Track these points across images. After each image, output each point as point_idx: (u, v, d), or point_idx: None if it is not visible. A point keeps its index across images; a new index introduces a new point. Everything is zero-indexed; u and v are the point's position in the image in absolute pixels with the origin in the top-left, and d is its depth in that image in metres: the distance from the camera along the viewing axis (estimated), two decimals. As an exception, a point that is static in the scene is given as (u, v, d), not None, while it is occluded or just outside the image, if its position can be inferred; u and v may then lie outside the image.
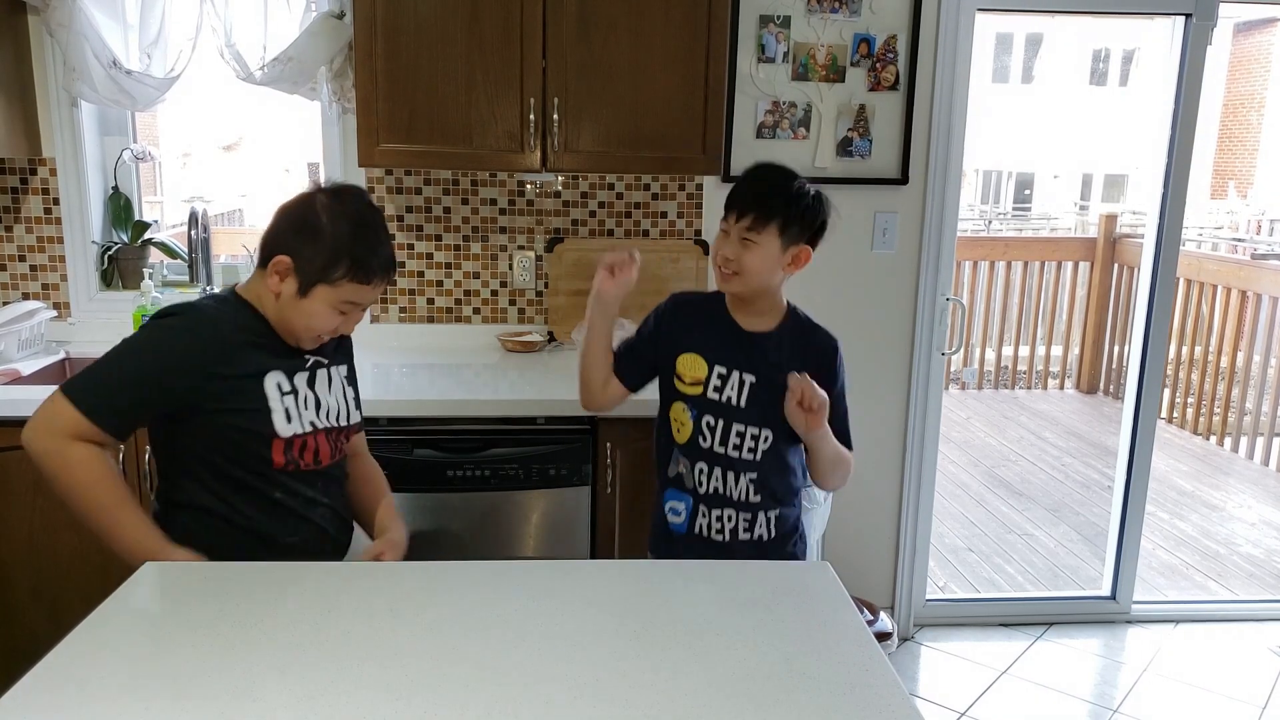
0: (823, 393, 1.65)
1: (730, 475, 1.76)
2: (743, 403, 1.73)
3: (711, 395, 1.74)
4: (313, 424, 1.57)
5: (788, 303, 1.82)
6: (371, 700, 1.04)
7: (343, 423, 1.64)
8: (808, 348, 1.78)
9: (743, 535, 1.79)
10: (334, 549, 1.66)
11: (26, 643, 2.16)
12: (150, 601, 1.29)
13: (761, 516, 1.79)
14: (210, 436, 1.50)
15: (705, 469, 1.77)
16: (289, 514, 1.57)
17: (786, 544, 1.84)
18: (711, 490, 1.78)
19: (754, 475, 1.76)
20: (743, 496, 1.77)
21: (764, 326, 1.77)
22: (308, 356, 1.60)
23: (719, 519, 1.78)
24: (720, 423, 1.74)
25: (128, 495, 1.46)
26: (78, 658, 1.12)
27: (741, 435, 1.74)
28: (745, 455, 1.75)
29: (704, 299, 1.85)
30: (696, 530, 1.80)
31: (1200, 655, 3.00)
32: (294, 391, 1.55)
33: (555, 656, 1.14)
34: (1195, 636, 3.11)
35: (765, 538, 1.80)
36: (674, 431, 1.80)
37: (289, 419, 1.53)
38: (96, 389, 1.44)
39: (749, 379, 1.73)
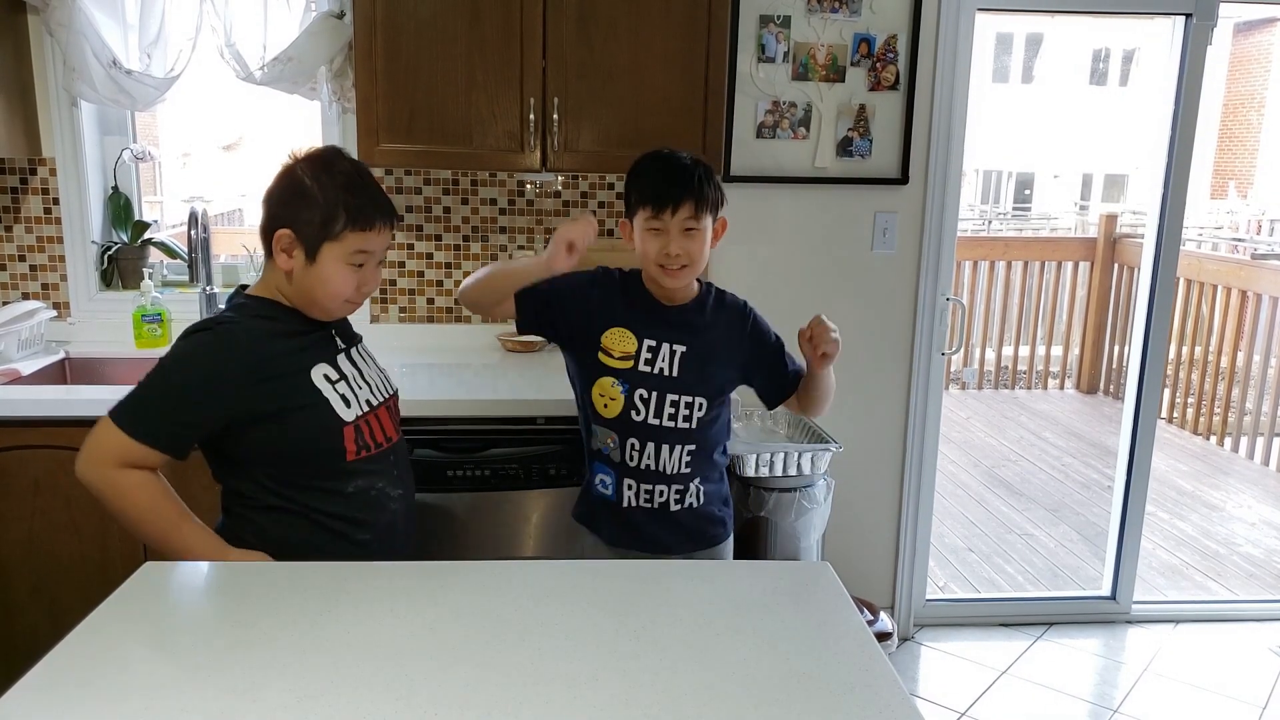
0: (836, 335, 1.71)
1: (665, 449, 1.79)
2: (675, 372, 1.77)
3: (643, 368, 1.77)
4: (369, 402, 1.58)
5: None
6: (371, 700, 1.04)
7: (389, 392, 1.67)
8: (727, 311, 1.85)
9: (674, 506, 1.83)
10: (404, 541, 1.66)
11: (26, 642, 2.17)
12: (150, 601, 1.29)
13: (692, 486, 1.83)
14: (278, 440, 1.49)
15: (637, 444, 1.79)
16: (362, 507, 1.56)
17: (714, 506, 1.88)
18: (642, 466, 1.80)
19: (691, 446, 1.80)
20: (675, 469, 1.80)
21: (684, 299, 1.82)
22: (338, 341, 1.61)
23: (648, 492, 1.82)
24: (654, 394, 1.77)
25: (183, 511, 1.47)
26: (78, 658, 1.12)
27: (676, 404, 1.77)
28: (680, 424, 1.78)
29: (626, 276, 1.87)
30: (625, 503, 1.83)
31: (1200, 655, 3.00)
32: (343, 377, 1.56)
33: (555, 656, 1.14)
34: (1195, 636, 3.11)
35: (695, 504, 1.85)
36: (599, 407, 1.80)
37: (348, 404, 1.54)
38: (141, 410, 1.44)
39: (679, 349, 1.77)
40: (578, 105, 2.37)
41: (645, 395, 1.77)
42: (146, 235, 2.81)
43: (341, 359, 1.59)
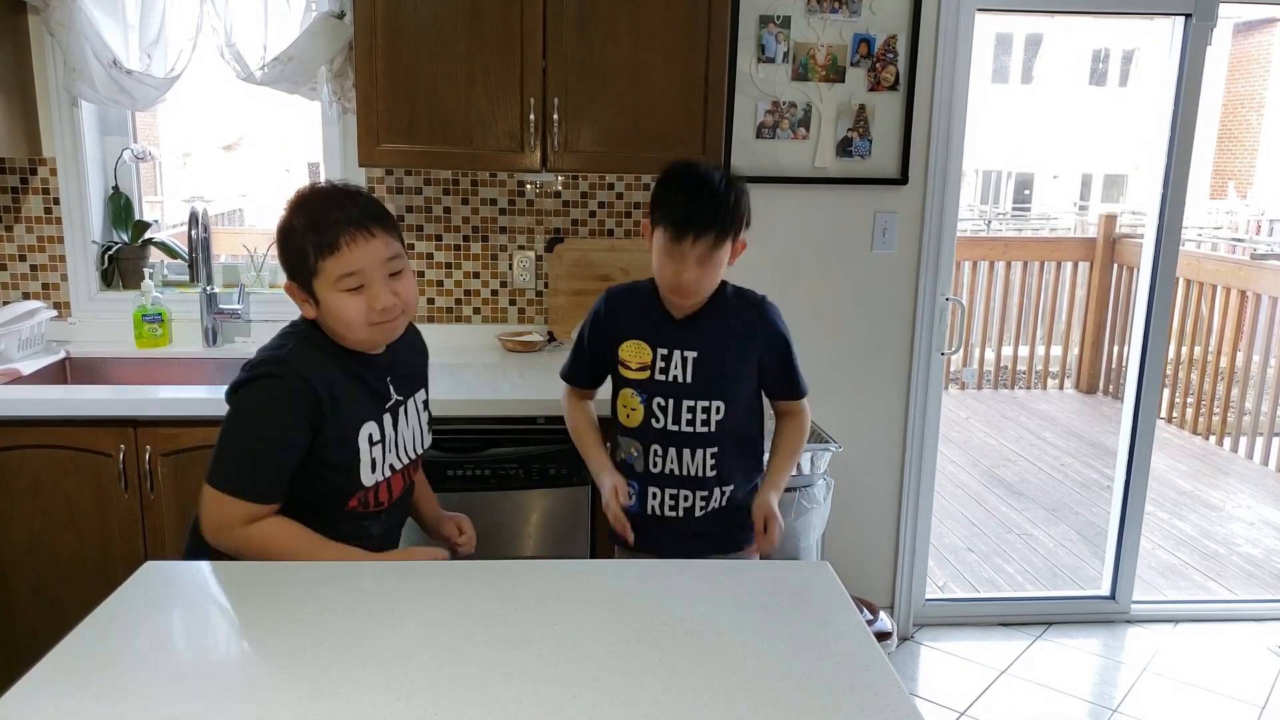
0: (776, 526, 1.78)
1: (686, 453, 1.82)
2: (689, 378, 1.79)
3: (659, 377, 1.80)
4: (391, 467, 1.58)
5: None
6: (371, 700, 1.04)
7: (417, 452, 1.66)
8: (742, 312, 1.83)
9: (699, 512, 1.85)
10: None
11: (27, 641, 2.17)
12: (150, 601, 1.29)
13: (717, 491, 1.85)
14: (298, 480, 1.49)
15: (660, 450, 1.83)
16: (344, 536, 1.55)
17: (741, 513, 1.87)
18: (666, 471, 1.83)
19: (714, 449, 1.82)
20: (699, 472, 1.83)
21: (696, 306, 1.81)
22: (392, 394, 1.59)
23: (672, 498, 1.85)
24: (670, 401, 1.80)
25: (320, 539, 1.49)
26: (78, 657, 1.12)
27: (693, 409, 1.80)
28: (700, 429, 1.80)
29: (637, 289, 1.89)
30: (649, 511, 1.86)
31: (1200, 655, 3.00)
32: (383, 440, 1.55)
33: (555, 656, 1.14)
34: (1195, 636, 3.12)
35: (720, 508, 1.87)
36: (623, 418, 1.86)
37: (374, 469, 1.54)
38: (241, 470, 1.45)
39: (690, 355, 1.79)
40: (578, 105, 2.37)
41: (662, 403, 1.80)
42: (147, 235, 2.81)
43: (387, 419, 1.57)
